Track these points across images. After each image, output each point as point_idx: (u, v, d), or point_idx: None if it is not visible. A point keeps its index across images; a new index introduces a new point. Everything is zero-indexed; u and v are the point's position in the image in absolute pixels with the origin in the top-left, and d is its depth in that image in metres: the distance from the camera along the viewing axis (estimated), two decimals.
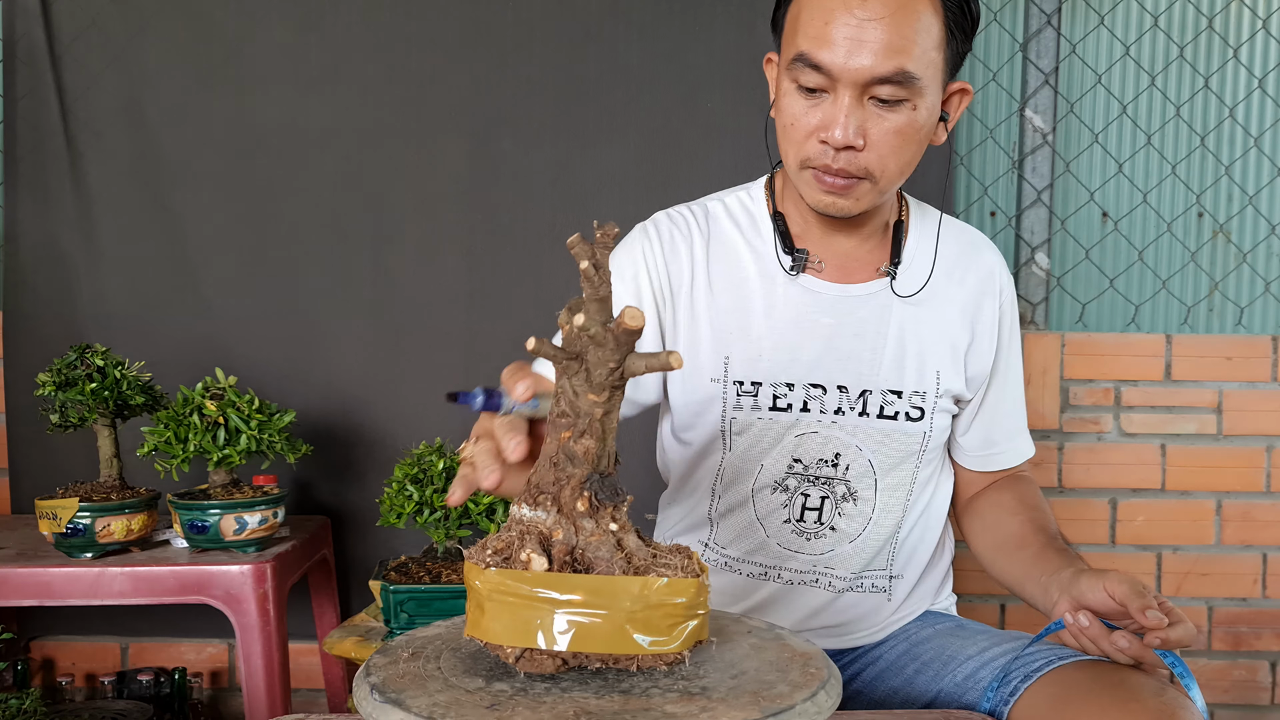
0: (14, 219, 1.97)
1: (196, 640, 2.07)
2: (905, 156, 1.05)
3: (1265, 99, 2.13)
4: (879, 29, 0.96)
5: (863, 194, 1.06)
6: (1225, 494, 2.12)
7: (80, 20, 1.95)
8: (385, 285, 2.00)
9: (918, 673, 1.11)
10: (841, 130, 1.00)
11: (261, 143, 1.98)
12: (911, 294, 1.16)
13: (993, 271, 1.22)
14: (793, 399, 1.14)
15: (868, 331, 1.15)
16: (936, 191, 2.01)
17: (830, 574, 1.17)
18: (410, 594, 1.51)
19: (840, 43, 0.97)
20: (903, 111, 1.01)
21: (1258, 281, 2.16)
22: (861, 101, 1.00)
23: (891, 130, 1.01)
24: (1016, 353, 1.24)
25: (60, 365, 1.57)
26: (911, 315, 1.16)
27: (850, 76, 0.98)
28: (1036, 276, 2.12)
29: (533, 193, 2.00)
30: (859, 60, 0.97)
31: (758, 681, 0.68)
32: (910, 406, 1.15)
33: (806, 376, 1.14)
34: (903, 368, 1.15)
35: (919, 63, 0.99)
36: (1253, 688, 2.16)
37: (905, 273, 1.17)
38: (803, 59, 1.00)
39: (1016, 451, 1.26)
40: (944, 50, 1.02)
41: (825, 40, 0.98)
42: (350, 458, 2.01)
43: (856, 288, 1.16)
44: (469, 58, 1.98)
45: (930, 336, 1.16)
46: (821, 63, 0.99)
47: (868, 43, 0.97)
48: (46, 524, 1.54)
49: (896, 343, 1.15)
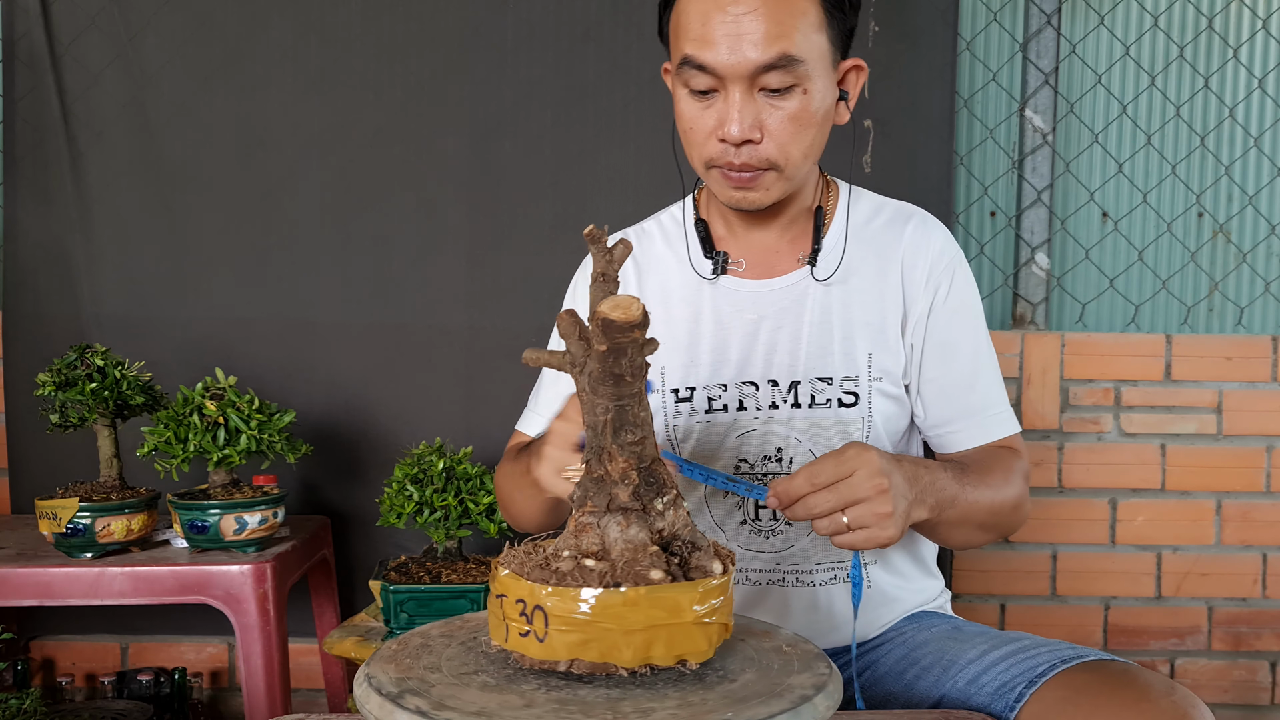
0: (14, 219, 1.97)
1: (196, 640, 2.07)
2: (805, 141, 1.06)
3: (1265, 99, 2.13)
4: (755, 20, 0.99)
5: (770, 184, 1.08)
6: (1225, 494, 2.12)
7: (80, 20, 1.95)
8: (385, 285, 2.00)
9: (917, 678, 1.10)
10: (737, 125, 1.02)
11: (262, 143, 1.98)
12: (827, 277, 1.16)
13: (920, 243, 1.18)
14: (727, 399, 1.16)
15: (787, 322, 1.16)
16: (937, 191, 2.02)
17: (796, 570, 1.17)
18: (410, 594, 1.51)
19: (720, 40, 1.00)
20: (794, 97, 1.03)
21: (1258, 281, 2.16)
22: (752, 94, 1.02)
23: (786, 117, 1.03)
24: (967, 328, 1.18)
25: (60, 365, 1.57)
26: (831, 299, 1.16)
27: (735, 71, 1.00)
28: (1036, 276, 2.12)
29: (533, 193, 2.00)
30: (741, 54, 0.99)
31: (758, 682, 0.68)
32: (843, 393, 1.14)
33: (738, 376, 1.16)
34: (829, 354, 1.15)
35: (801, 47, 1.00)
36: (1253, 688, 2.16)
37: (826, 258, 1.17)
38: (688, 62, 1.03)
39: (979, 431, 1.16)
40: (826, 31, 1.03)
41: (706, 40, 1.00)
42: (350, 458, 2.01)
43: (777, 280, 1.17)
44: (469, 58, 1.98)
45: (855, 318, 1.15)
46: (706, 63, 1.01)
47: (746, 35, 0.99)
48: (46, 524, 1.54)
49: (817, 329, 1.15)
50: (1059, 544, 2.12)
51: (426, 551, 1.65)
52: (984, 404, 1.17)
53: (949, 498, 0.98)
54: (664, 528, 0.70)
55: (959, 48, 2.05)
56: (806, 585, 1.17)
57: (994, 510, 1.06)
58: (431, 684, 0.67)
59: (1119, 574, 2.13)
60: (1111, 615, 2.13)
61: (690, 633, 0.67)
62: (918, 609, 1.24)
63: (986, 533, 1.09)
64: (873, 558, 1.19)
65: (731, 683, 0.68)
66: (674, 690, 0.66)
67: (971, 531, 1.07)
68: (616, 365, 0.67)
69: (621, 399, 0.69)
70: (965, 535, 1.08)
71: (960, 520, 1.02)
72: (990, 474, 1.07)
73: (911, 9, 1.99)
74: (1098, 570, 2.12)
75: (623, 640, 0.65)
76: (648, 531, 0.69)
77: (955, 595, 2.12)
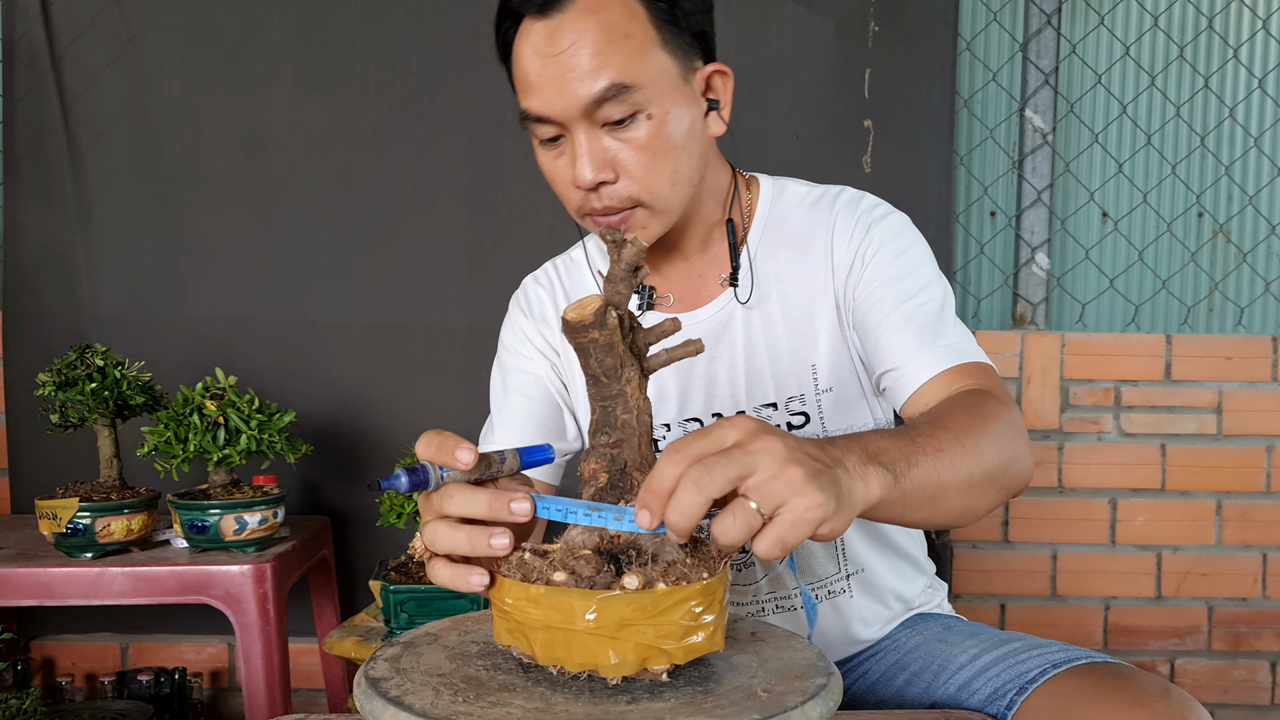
0: (14, 219, 1.97)
1: (196, 640, 2.07)
2: (667, 169, 0.97)
3: (1265, 99, 2.13)
4: (574, 55, 0.93)
5: (645, 221, 1.00)
6: (1225, 494, 2.12)
7: (80, 20, 1.95)
8: (385, 285, 2.00)
9: (908, 684, 1.08)
10: (586, 169, 0.95)
11: (262, 143, 1.98)
12: (749, 300, 1.08)
13: (844, 216, 1.06)
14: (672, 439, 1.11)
15: (721, 351, 1.09)
16: (937, 191, 2.02)
17: (775, 597, 1.13)
18: (410, 594, 1.50)
19: (547, 85, 0.94)
20: (639, 126, 0.95)
21: (1258, 281, 2.16)
22: (596, 132, 0.96)
23: (637, 149, 0.96)
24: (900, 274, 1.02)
25: (60, 365, 1.57)
26: (759, 318, 1.08)
27: (568, 113, 0.94)
28: (1036, 276, 2.12)
29: (533, 193, 1.99)
30: (569, 93, 0.93)
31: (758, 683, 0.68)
32: (790, 415, 1.08)
33: (680, 414, 1.11)
34: (768, 377, 1.08)
35: (631, 72, 0.93)
36: (1253, 688, 2.16)
37: (748, 274, 1.09)
38: (526, 115, 0.98)
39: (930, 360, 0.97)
40: (663, 47, 0.96)
41: (531, 89, 0.96)
42: (350, 457, 2.01)
43: (705, 309, 1.10)
44: (469, 58, 1.98)
45: (789, 331, 1.07)
46: (539, 111, 0.96)
47: (569, 74, 0.93)
48: (46, 524, 1.54)
49: (750, 352, 1.08)
50: (1059, 544, 2.12)
51: None
52: (930, 333, 0.99)
53: (900, 455, 0.72)
54: (622, 535, 0.68)
55: (959, 48, 2.05)
56: (788, 610, 1.13)
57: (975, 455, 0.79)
58: (432, 684, 0.67)
59: (1119, 574, 2.13)
60: (1111, 615, 2.13)
61: (585, 642, 0.62)
62: (911, 612, 1.20)
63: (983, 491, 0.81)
64: (855, 567, 1.12)
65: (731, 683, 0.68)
66: (675, 691, 0.66)
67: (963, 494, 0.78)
68: (588, 366, 0.68)
69: (604, 399, 0.69)
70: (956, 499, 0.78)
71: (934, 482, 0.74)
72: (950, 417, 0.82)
73: (911, 9, 1.99)
74: (1098, 570, 2.12)
75: (532, 636, 0.65)
76: (598, 535, 0.68)
77: (955, 595, 2.12)
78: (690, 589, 0.63)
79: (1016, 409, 0.91)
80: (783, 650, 0.75)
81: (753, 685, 0.67)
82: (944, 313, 1.01)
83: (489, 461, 0.68)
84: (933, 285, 1.03)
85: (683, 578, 0.64)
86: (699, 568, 0.65)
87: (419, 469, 0.66)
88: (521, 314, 1.21)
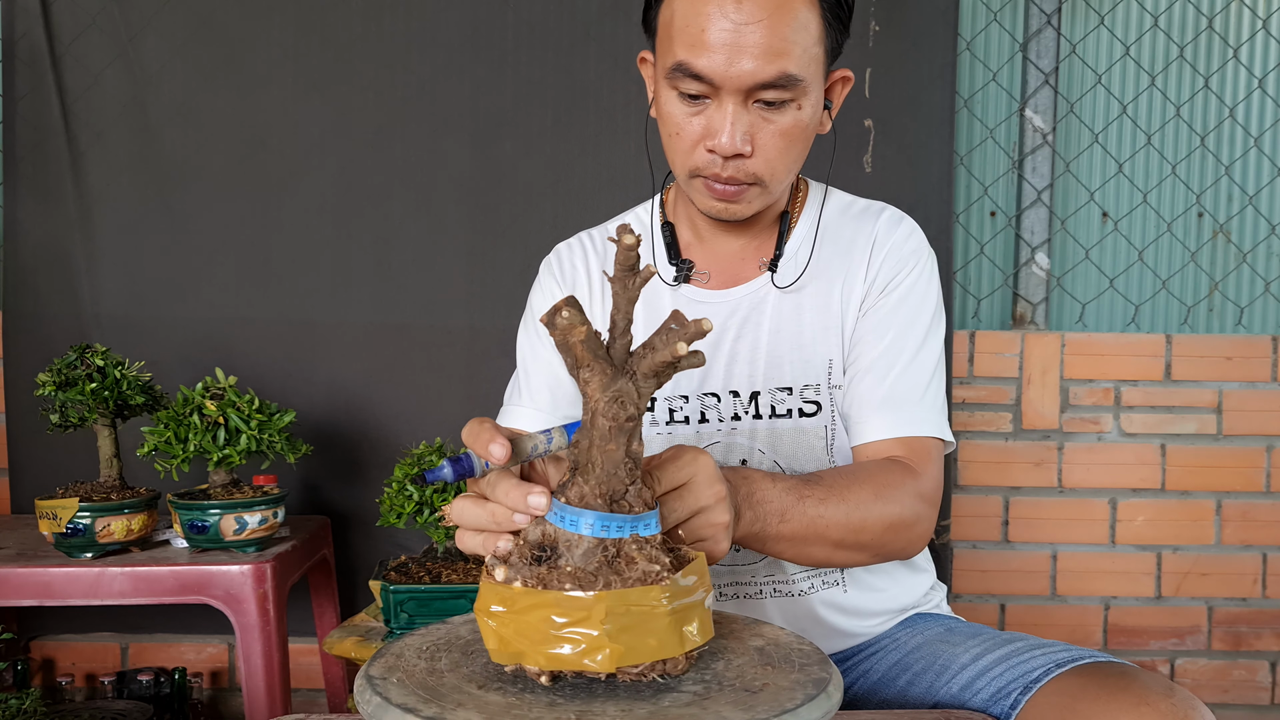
0: (14, 219, 1.97)
1: (196, 640, 2.07)
2: (792, 156, 1.03)
3: (1265, 99, 2.13)
4: (757, 32, 0.94)
5: (754, 198, 1.04)
6: (1225, 494, 2.13)
7: (80, 20, 1.95)
8: (385, 285, 2.00)
9: (910, 684, 1.09)
10: (728, 138, 0.98)
11: (262, 143, 1.98)
12: (789, 284, 1.12)
13: (887, 234, 1.12)
14: (689, 411, 1.13)
15: (747, 331, 1.13)
16: (937, 191, 2.02)
17: (773, 580, 1.14)
18: (410, 594, 1.50)
19: (719, 49, 0.94)
20: (788, 112, 0.99)
21: (1258, 281, 2.16)
22: (746, 106, 0.98)
23: (778, 133, 1.00)
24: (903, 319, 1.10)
25: (60, 365, 1.57)
26: (790, 305, 1.12)
27: (733, 84, 0.96)
28: (1036, 276, 2.12)
29: (533, 193, 2.00)
30: (740, 66, 0.95)
31: (758, 683, 0.68)
32: (803, 402, 1.11)
33: (700, 387, 1.13)
34: (787, 362, 1.11)
35: (800, 61, 0.96)
36: (1253, 688, 2.16)
37: (788, 264, 1.13)
38: (682, 68, 0.97)
39: (883, 423, 1.06)
40: (824, 44, 0.99)
41: (703, 47, 0.95)
42: (350, 458, 2.01)
43: (739, 289, 1.14)
44: (469, 58, 1.98)
45: (814, 324, 1.12)
46: (701, 71, 0.96)
47: (747, 48, 0.94)
48: (46, 524, 1.54)
49: (775, 337, 1.12)
50: (1059, 544, 2.12)
51: (426, 551, 1.65)
52: (895, 397, 1.07)
53: (776, 510, 0.86)
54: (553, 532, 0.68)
55: (959, 48, 2.05)
56: (785, 595, 1.14)
57: (853, 528, 0.92)
58: (432, 685, 0.67)
59: (1119, 574, 2.13)
60: (1111, 615, 2.13)
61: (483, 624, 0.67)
62: (910, 610, 1.21)
63: (849, 552, 0.95)
64: None
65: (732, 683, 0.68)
66: (674, 691, 0.66)
67: (826, 550, 0.92)
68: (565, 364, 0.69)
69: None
70: (818, 554, 0.93)
71: (800, 537, 0.89)
72: (853, 488, 0.94)
73: (911, 9, 1.99)
74: (1097, 570, 2.12)
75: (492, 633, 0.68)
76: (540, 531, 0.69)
77: (955, 595, 2.12)
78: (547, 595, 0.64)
79: (929, 486, 1.02)
80: (783, 649, 0.75)
81: (752, 685, 0.67)
82: (927, 381, 1.08)
83: (532, 443, 0.71)
84: (928, 345, 1.10)
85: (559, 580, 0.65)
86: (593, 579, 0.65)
87: (463, 459, 0.70)
88: (552, 278, 1.22)
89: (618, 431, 0.66)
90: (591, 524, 0.66)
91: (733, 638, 0.78)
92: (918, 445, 1.06)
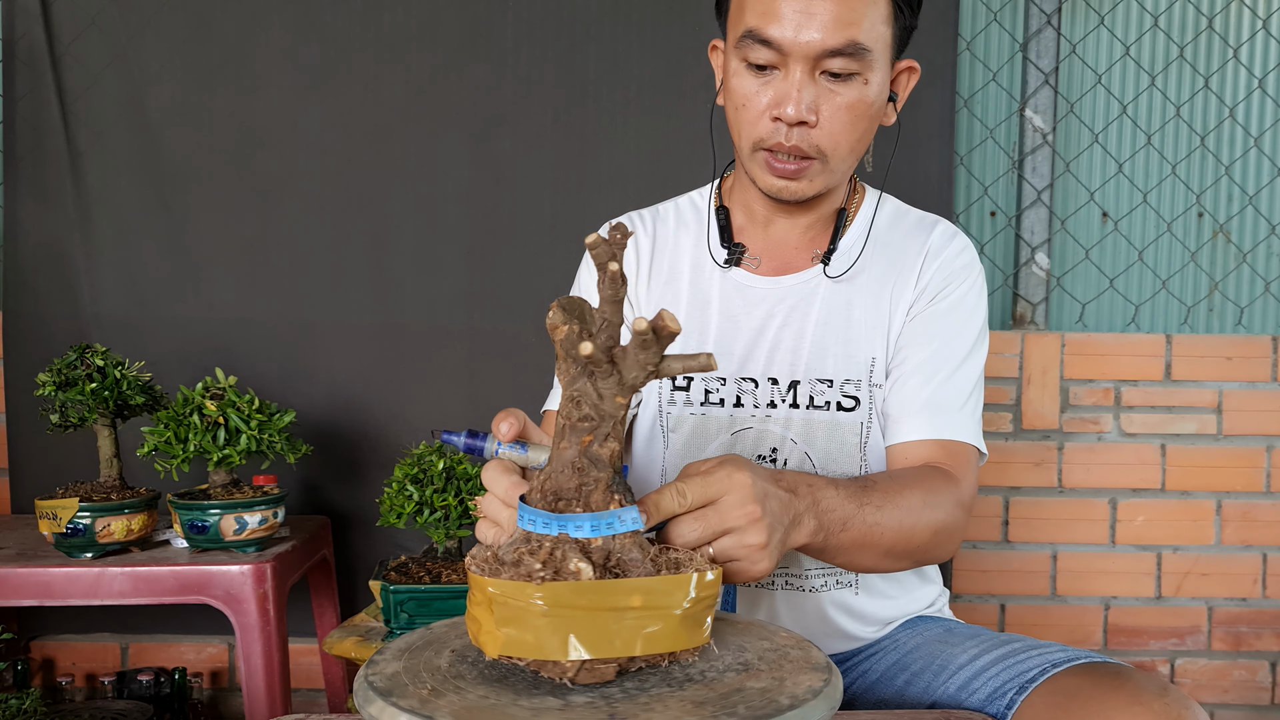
0: (14, 219, 1.97)
1: (196, 640, 2.07)
2: (856, 133, 1.04)
3: (1265, 99, 2.13)
4: (827, 1, 0.97)
5: (815, 175, 1.06)
6: (1225, 494, 2.13)
7: (80, 20, 1.95)
8: (385, 285, 2.00)
9: (908, 684, 1.09)
10: (794, 106, 1.00)
11: (262, 142, 1.98)
12: (839, 275, 1.14)
13: (941, 247, 1.15)
14: (725, 394, 1.14)
15: (794, 320, 1.14)
16: (937, 191, 2.02)
17: (787, 574, 1.14)
18: (410, 594, 1.50)
19: (789, 16, 0.98)
20: (854, 86, 1.01)
21: (1258, 281, 2.16)
22: (813, 76, 1.00)
23: (844, 106, 1.01)
24: (951, 328, 1.11)
25: (60, 365, 1.57)
26: (839, 298, 1.13)
27: (801, 50, 0.98)
28: (1036, 276, 2.12)
29: (533, 193, 2.00)
30: (809, 33, 0.97)
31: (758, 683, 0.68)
32: (842, 396, 1.12)
33: (739, 371, 1.14)
34: (831, 355, 1.12)
35: (869, 35, 0.99)
36: (1253, 688, 2.16)
37: (840, 258, 1.15)
38: (752, 35, 1.00)
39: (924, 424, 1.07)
40: (892, 25, 1.02)
41: (774, 15, 0.98)
42: (350, 458, 2.01)
43: (789, 278, 1.15)
44: (469, 58, 1.98)
45: (861, 320, 1.13)
46: (771, 38, 0.99)
47: (817, 15, 0.97)
48: (46, 524, 1.54)
49: (821, 328, 1.13)
50: (1059, 544, 2.12)
51: (426, 551, 1.65)
52: (937, 401, 1.08)
53: (839, 519, 0.86)
54: None
55: (959, 48, 2.05)
56: (798, 590, 1.14)
57: (904, 534, 0.93)
58: (432, 685, 0.67)
59: (1119, 574, 2.13)
60: (1111, 615, 2.13)
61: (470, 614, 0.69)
62: (913, 615, 1.22)
63: (896, 560, 0.96)
64: None
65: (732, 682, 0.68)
66: (672, 690, 0.66)
67: (876, 558, 0.93)
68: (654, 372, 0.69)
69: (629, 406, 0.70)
70: (867, 561, 0.93)
71: (857, 544, 0.89)
72: (904, 494, 0.94)
73: None
74: (1097, 570, 2.12)
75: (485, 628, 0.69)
76: None
77: (955, 595, 2.12)
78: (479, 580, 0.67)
79: (967, 494, 1.04)
80: (783, 649, 0.75)
81: (752, 684, 0.67)
82: (969, 392, 1.10)
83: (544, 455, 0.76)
84: (973, 358, 1.11)
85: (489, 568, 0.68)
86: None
87: (479, 436, 0.76)
88: None
89: (570, 430, 0.68)
90: (521, 518, 0.69)
91: (733, 636, 0.78)
92: (958, 451, 1.07)
